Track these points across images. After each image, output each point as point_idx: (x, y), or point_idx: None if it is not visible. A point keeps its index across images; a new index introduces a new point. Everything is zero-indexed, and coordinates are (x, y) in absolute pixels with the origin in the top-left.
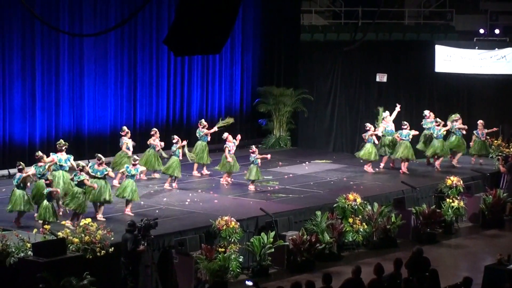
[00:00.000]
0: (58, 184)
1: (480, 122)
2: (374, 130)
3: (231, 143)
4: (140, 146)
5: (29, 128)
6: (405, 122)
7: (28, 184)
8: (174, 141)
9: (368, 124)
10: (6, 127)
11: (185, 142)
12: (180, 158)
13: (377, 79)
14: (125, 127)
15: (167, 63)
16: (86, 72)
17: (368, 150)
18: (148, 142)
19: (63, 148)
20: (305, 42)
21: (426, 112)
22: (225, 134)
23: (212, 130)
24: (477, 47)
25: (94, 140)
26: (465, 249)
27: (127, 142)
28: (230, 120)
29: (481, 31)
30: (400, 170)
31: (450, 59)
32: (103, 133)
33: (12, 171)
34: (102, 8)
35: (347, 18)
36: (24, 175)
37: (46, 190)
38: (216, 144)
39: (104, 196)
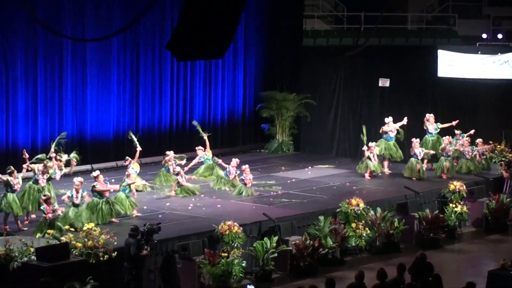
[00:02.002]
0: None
1: (479, 140)
2: (368, 149)
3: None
4: (144, 151)
5: (32, 132)
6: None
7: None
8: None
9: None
10: (9, 132)
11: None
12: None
13: (380, 84)
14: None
15: (170, 68)
16: (89, 77)
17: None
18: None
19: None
20: (308, 47)
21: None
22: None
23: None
24: (479, 52)
25: (97, 145)
26: (468, 254)
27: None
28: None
29: (484, 36)
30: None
31: (452, 64)
32: (105, 138)
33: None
34: (105, 13)
35: (349, 23)
36: None
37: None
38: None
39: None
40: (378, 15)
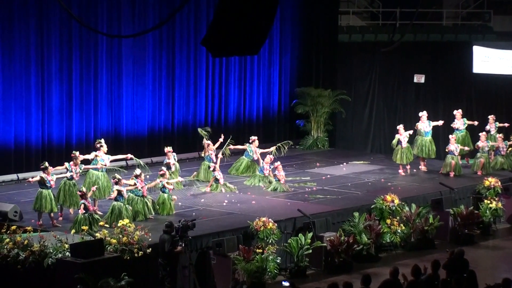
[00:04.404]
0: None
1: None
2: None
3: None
4: (178, 147)
5: (67, 129)
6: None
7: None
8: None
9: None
10: (44, 128)
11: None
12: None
13: (415, 80)
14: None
15: (205, 64)
16: (124, 73)
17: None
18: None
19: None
20: (343, 43)
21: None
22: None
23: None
24: None
25: (132, 141)
26: (503, 250)
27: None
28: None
29: None
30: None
31: (488, 60)
32: (141, 134)
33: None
34: (140, 9)
35: (385, 19)
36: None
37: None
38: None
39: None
40: (413, 11)
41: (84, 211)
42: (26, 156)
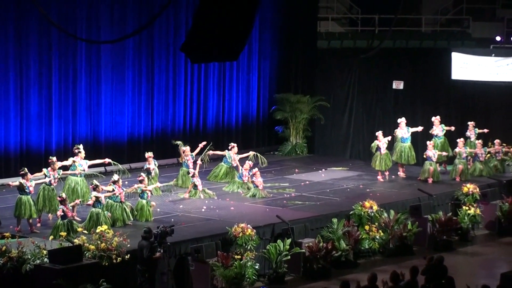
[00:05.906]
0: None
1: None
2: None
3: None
4: (157, 153)
5: (46, 135)
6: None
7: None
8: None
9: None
10: (23, 134)
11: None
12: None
13: (394, 86)
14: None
15: (184, 70)
16: (103, 79)
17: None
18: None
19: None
20: (322, 49)
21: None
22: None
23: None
24: (493, 55)
25: (111, 147)
26: (481, 257)
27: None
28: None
29: (498, 38)
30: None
31: (466, 67)
32: (120, 140)
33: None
34: (119, 15)
35: (364, 25)
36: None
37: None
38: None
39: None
40: (392, 18)
41: (62, 213)
42: (5, 162)
